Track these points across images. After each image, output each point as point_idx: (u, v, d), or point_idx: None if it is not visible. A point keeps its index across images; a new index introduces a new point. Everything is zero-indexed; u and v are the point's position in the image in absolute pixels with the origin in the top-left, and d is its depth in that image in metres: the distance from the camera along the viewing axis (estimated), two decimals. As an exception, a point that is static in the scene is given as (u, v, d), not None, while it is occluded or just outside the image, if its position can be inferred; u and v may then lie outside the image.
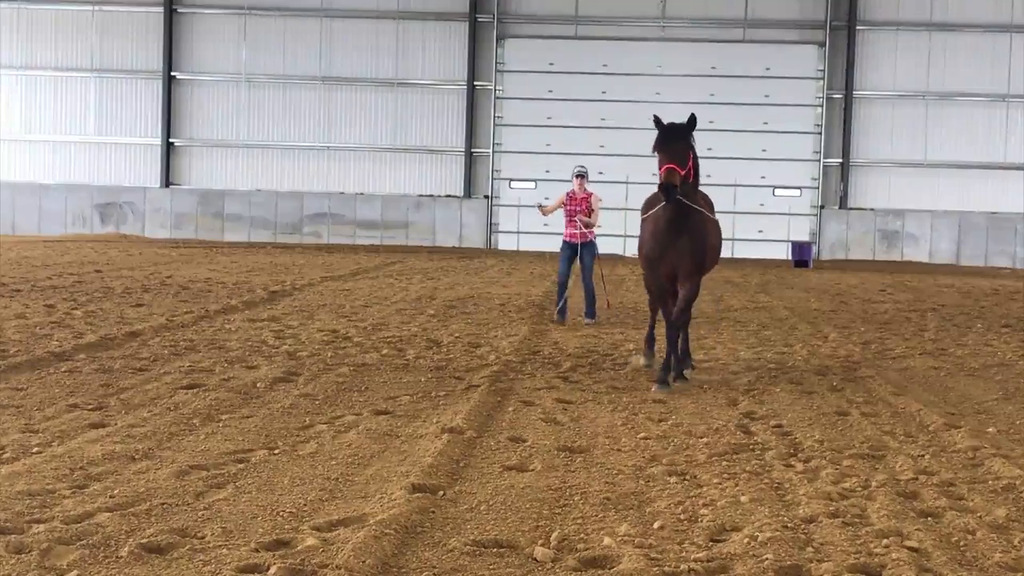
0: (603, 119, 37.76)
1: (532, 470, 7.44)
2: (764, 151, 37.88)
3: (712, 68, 37.99)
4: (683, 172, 10.51)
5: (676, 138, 10.60)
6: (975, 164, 37.82)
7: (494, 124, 38.66)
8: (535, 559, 5.62)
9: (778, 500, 6.82)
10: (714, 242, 11.47)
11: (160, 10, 39.07)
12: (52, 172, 39.64)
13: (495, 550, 5.76)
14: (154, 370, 10.93)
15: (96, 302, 16.91)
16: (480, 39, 38.69)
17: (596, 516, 6.38)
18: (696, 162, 10.95)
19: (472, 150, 38.84)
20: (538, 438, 8.40)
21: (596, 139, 37.53)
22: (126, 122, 39.62)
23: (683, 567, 5.49)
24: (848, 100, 38.00)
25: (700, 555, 5.68)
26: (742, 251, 37.36)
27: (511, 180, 38.61)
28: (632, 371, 11.79)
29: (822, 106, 38.07)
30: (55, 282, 19.90)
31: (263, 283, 21.21)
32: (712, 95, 37.34)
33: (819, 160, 38.12)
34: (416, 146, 39.13)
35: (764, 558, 5.63)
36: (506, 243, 38.60)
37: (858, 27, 37.98)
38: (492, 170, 38.72)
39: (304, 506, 6.40)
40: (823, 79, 38.01)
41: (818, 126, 38.14)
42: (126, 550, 5.47)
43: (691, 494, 6.88)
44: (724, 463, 7.72)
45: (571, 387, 10.74)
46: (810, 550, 5.82)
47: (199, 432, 8.25)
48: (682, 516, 6.41)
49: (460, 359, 12.34)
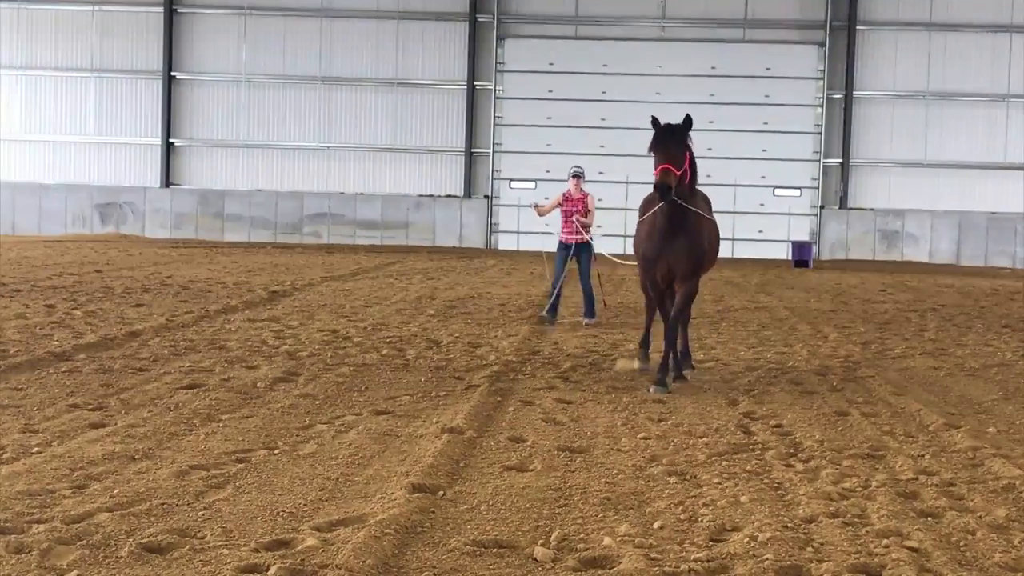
0: (603, 119, 37.76)
1: (532, 470, 7.43)
2: (764, 151, 37.89)
3: (712, 68, 37.99)
4: (679, 173, 10.50)
5: (671, 139, 10.60)
6: (975, 164, 37.82)
7: (494, 124, 38.67)
8: (535, 559, 5.62)
9: (778, 500, 6.81)
10: (711, 242, 11.44)
11: (160, 10, 39.08)
12: (52, 172, 39.65)
13: (495, 550, 5.75)
14: (154, 370, 10.93)
15: (96, 302, 16.91)
16: (480, 39, 38.69)
17: (596, 516, 6.38)
18: (693, 162, 10.94)
19: (472, 150, 38.84)
20: (538, 438, 8.39)
21: (596, 139, 37.52)
22: (126, 122, 39.63)
23: (683, 567, 5.49)
24: (848, 100, 38.01)
25: (700, 555, 5.68)
26: (742, 251, 37.37)
27: (511, 180, 38.61)
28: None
29: (822, 106, 38.07)
30: (55, 282, 19.90)
31: (263, 283, 21.21)
32: (712, 95, 37.38)
33: (819, 160, 38.13)
34: (416, 146, 39.13)
35: (764, 558, 5.63)
36: (506, 243, 38.59)
37: (858, 27, 37.98)
38: (492, 170, 38.72)
39: (304, 506, 6.40)
40: (823, 79, 38.01)
41: (818, 126, 38.15)
42: (126, 550, 5.47)
43: (691, 494, 6.88)
44: (724, 463, 7.72)
45: (571, 387, 10.73)
46: (810, 550, 5.81)
47: (199, 432, 8.25)
48: (682, 516, 6.40)
49: (460, 359, 12.34)
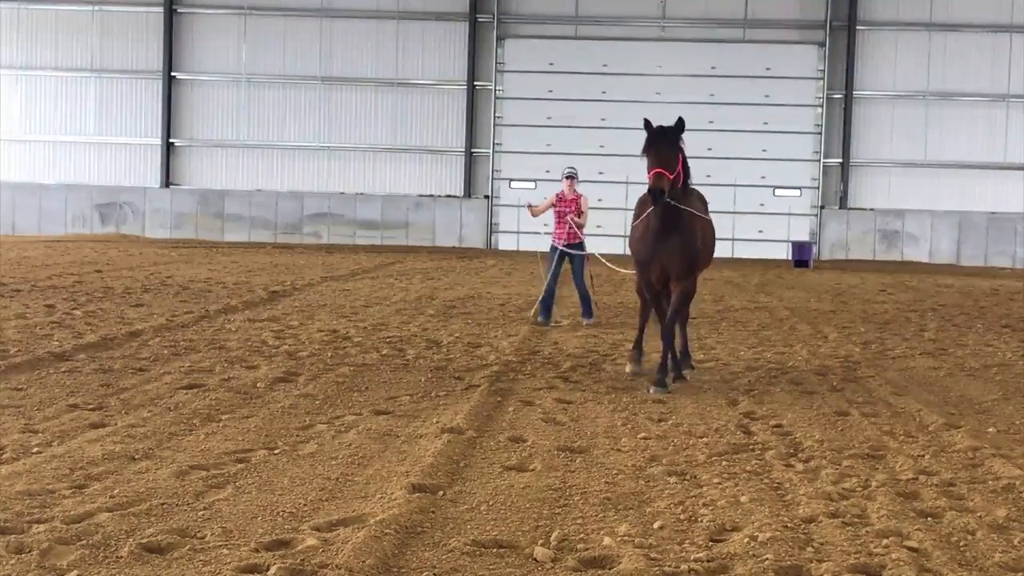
0: (603, 119, 37.75)
1: (532, 470, 7.43)
2: (764, 151, 37.88)
3: (712, 68, 38.00)
4: (671, 176, 10.50)
5: (664, 141, 10.59)
6: (975, 164, 37.82)
7: (494, 124, 38.67)
8: (535, 559, 5.62)
9: (778, 500, 6.81)
10: (705, 241, 11.40)
11: (160, 10, 39.08)
12: (52, 172, 39.65)
13: (495, 550, 5.75)
14: (154, 370, 10.93)
15: (96, 302, 16.91)
16: (480, 39, 38.69)
17: (596, 516, 6.37)
18: (686, 164, 10.93)
19: (472, 150, 38.84)
20: (538, 438, 8.39)
21: (596, 139, 37.52)
22: (126, 122, 39.63)
23: (683, 567, 5.49)
24: (848, 100, 38.00)
25: (700, 555, 5.67)
26: (742, 251, 37.37)
27: (511, 180, 38.61)
28: (627, 375, 11.67)
29: (822, 106, 38.07)
30: (55, 282, 19.90)
31: (263, 283, 21.21)
32: (712, 95, 37.39)
33: (819, 160, 38.13)
34: (416, 146, 39.14)
35: (764, 558, 5.63)
36: (506, 243, 38.59)
37: (858, 27, 37.98)
38: (492, 170, 38.72)
39: (304, 506, 6.40)
40: (823, 79, 38.01)
41: (818, 126, 38.14)
42: (126, 550, 5.47)
43: (691, 494, 6.88)
44: (724, 463, 7.72)
45: (571, 387, 10.73)
46: (810, 550, 5.81)
47: (199, 432, 8.25)
48: (682, 516, 6.40)
49: (460, 359, 12.34)
